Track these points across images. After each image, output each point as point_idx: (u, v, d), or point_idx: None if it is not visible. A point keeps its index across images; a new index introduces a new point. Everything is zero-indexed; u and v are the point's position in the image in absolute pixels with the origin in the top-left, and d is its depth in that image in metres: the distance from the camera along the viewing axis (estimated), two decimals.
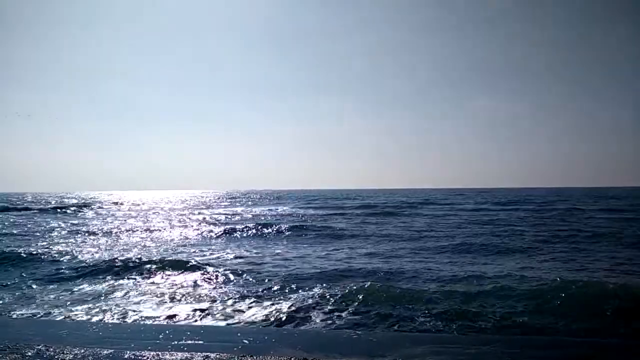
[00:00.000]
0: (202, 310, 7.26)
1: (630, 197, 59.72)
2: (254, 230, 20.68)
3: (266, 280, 9.63)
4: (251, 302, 7.80)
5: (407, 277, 9.80)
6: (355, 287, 8.22)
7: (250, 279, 9.79)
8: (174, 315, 7.02)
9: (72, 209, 41.57)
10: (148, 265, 11.11)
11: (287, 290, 8.60)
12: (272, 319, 6.74)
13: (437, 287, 8.58)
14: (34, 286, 9.40)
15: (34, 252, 13.48)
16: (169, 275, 10.20)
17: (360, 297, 7.67)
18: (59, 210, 40.15)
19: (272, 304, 7.57)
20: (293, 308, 7.29)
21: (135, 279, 9.88)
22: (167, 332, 4.08)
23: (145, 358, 3.33)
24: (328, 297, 7.89)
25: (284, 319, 6.72)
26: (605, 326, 6.33)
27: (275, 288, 8.83)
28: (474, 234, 18.80)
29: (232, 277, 9.96)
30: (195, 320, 6.73)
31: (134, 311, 7.26)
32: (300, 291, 8.45)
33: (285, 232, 20.34)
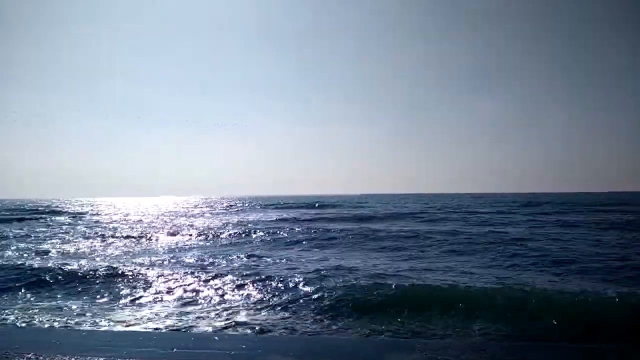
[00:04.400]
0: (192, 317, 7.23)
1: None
2: None
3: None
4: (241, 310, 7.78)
5: None
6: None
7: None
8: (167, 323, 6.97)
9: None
10: None
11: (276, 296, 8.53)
12: (263, 326, 6.71)
13: None
14: None
15: None
16: None
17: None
18: None
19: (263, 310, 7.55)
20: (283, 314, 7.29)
21: None
22: (159, 340, 4.06)
23: None
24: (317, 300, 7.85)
25: (275, 325, 6.69)
26: None
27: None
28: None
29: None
30: (187, 329, 6.70)
31: None
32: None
33: None
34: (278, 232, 22.66)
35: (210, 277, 9.97)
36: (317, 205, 61.05)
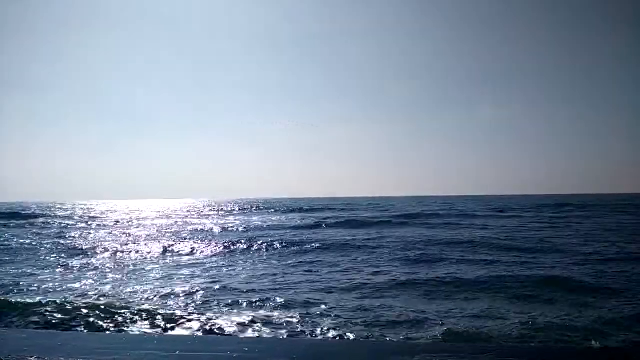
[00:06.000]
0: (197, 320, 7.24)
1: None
2: None
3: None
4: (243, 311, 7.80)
5: None
6: None
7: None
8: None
9: None
10: None
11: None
12: (266, 328, 6.73)
13: None
14: None
15: None
16: None
17: None
18: None
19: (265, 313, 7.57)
20: (286, 317, 7.30)
21: None
22: (162, 342, 4.06)
23: None
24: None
25: (278, 327, 6.70)
26: None
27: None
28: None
29: None
30: (189, 330, 6.72)
31: None
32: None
33: None
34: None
35: None
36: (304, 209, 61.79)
